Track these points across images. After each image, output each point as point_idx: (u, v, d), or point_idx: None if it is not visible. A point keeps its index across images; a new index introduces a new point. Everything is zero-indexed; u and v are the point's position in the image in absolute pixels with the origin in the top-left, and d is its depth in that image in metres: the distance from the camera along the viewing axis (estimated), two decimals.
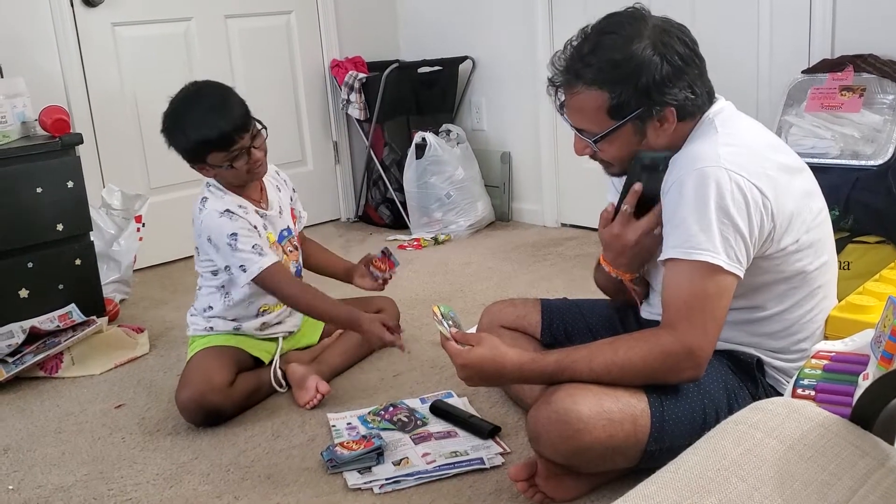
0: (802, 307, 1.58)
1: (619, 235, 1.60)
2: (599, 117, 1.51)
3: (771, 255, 1.50)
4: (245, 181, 2.15)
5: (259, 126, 2.12)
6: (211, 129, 2.02)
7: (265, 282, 2.10)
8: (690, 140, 1.53)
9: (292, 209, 2.35)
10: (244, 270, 2.08)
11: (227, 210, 2.11)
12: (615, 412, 1.46)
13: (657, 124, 1.51)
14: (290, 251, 2.28)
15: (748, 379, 1.59)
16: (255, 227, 2.14)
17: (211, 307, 2.21)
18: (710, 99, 1.55)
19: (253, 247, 2.09)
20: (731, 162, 1.44)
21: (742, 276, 1.45)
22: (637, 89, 1.47)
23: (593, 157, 1.60)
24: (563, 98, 1.57)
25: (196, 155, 2.08)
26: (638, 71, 1.46)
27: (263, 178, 2.24)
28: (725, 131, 1.50)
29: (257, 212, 2.19)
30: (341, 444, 1.85)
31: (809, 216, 1.54)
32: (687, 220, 1.43)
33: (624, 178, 1.63)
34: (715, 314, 1.45)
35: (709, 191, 1.42)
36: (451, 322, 1.64)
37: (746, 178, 1.43)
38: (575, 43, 1.53)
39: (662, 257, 1.48)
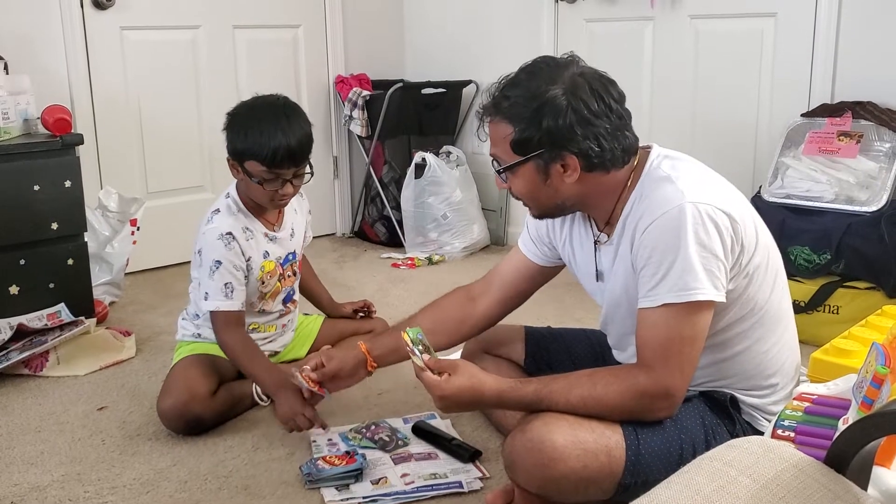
0: (766, 342, 1.59)
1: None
2: (506, 149, 1.55)
3: (737, 285, 1.51)
4: (263, 204, 2.13)
5: (308, 169, 2.11)
6: (270, 140, 1.99)
7: (214, 320, 2.11)
8: (646, 191, 1.54)
9: (304, 232, 2.35)
10: (206, 298, 2.10)
11: (230, 233, 2.09)
12: (590, 443, 1.47)
13: (560, 169, 1.53)
14: (289, 276, 2.26)
15: (724, 416, 1.60)
16: (249, 259, 2.12)
17: (200, 315, 2.21)
18: (624, 155, 1.55)
19: (225, 284, 2.08)
20: (694, 194, 1.47)
21: (725, 300, 1.48)
22: (539, 129, 1.49)
23: (512, 193, 1.63)
24: (487, 128, 1.61)
25: (240, 154, 2.05)
26: (542, 112, 1.49)
27: None
28: (676, 171, 1.53)
29: (266, 234, 2.18)
30: (323, 458, 1.85)
31: (767, 241, 1.58)
32: (672, 267, 1.45)
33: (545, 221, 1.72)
34: (690, 355, 1.48)
35: (683, 230, 1.44)
36: (421, 347, 1.62)
37: (713, 205, 1.46)
38: (504, 80, 1.58)
39: (648, 304, 1.49)
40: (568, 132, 1.49)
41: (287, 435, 2.06)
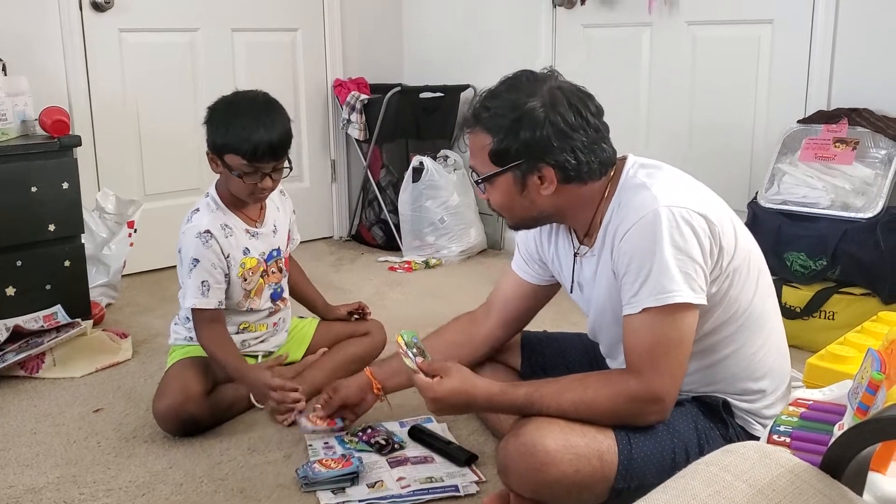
0: (752, 345, 1.60)
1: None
2: (484, 160, 1.57)
3: (719, 288, 1.52)
4: (243, 197, 2.14)
5: (287, 164, 2.13)
6: (249, 134, 2.01)
7: (193, 318, 2.13)
8: (624, 199, 1.55)
9: (289, 231, 2.35)
10: (183, 297, 2.12)
11: (208, 231, 2.10)
12: (581, 447, 1.47)
13: (537, 181, 1.55)
14: (273, 272, 2.26)
15: (717, 420, 1.60)
16: (227, 256, 2.13)
17: (190, 318, 2.21)
18: (601, 167, 1.57)
19: (202, 282, 2.09)
20: (669, 198, 1.48)
21: (706, 303, 1.49)
22: (517, 140, 1.51)
23: (489, 204, 1.64)
24: (467, 138, 1.63)
25: (220, 148, 2.06)
26: (520, 123, 1.51)
27: None
28: (651, 178, 1.54)
29: (248, 230, 2.19)
30: (319, 462, 1.85)
31: (748, 244, 1.58)
32: (650, 272, 1.46)
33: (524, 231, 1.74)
34: (679, 358, 1.49)
35: (659, 235, 1.45)
36: (415, 350, 1.63)
37: (688, 208, 1.47)
38: (485, 92, 1.59)
39: (631, 311, 1.50)
40: (545, 144, 1.51)
41: (284, 437, 2.06)
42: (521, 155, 1.52)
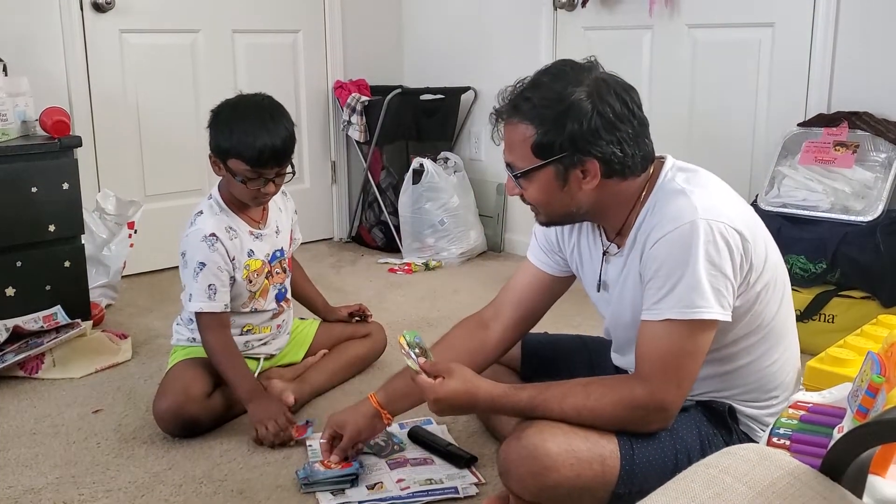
0: (770, 357, 1.60)
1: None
2: (525, 152, 1.51)
3: (743, 302, 1.51)
4: (245, 201, 2.14)
5: (290, 169, 2.12)
6: (254, 140, 2.01)
7: (198, 321, 2.12)
8: (660, 203, 1.53)
9: (291, 231, 2.36)
10: (189, 300, 2.11)
11: (213, 234, 2.10)
12: (583, 451, 1.47)
13: (580, 175, 1.50)
14: (278, 273, 2.26)
15: (722, 426, 1.60)
16: (233, 259, 2.13)
17: (194, 319, 2.21)
18: (643, 162, 1.54)
19: (209, 286, 2.08)
20: (708, 210, 1.46)
21: (731, 319, 1.48)
22: (563, 132, 1.46)
23: (523, 199, 1.60)
24: (502, 130, 1.57)
25: (224, 152, 2.06)
26: (567, 113, 1.46)
27: None
28: (690, 185, 1.52)
29: (251, 232, 2.19)
30: (319, 463, 1.85)
31: (776, 259, 1.58)
32: (679, 282, 1.44)
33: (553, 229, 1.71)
34: (690, 371, 1.48)
35: (695, 247, 1.43)
36: (417, 350, 1.62)
37: (726, 223, 1.45)
38: (521, 82, 1.55)
39: (651, 317, 1.48)
40: (592, 136, 1.47)
41: None
42: (566, 148, 1.47)
